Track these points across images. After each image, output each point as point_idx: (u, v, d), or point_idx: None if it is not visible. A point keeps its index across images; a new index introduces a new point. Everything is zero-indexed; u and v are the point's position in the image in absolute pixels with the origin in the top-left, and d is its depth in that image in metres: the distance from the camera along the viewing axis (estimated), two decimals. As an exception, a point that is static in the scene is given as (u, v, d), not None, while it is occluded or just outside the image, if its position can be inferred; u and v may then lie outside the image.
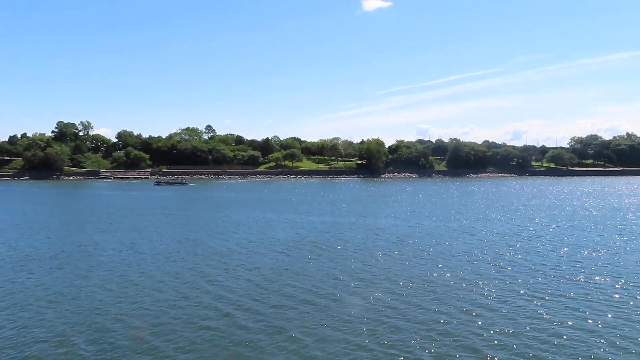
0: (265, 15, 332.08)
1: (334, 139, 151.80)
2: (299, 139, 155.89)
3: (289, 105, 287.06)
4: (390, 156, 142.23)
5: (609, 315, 14.46)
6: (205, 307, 15.50)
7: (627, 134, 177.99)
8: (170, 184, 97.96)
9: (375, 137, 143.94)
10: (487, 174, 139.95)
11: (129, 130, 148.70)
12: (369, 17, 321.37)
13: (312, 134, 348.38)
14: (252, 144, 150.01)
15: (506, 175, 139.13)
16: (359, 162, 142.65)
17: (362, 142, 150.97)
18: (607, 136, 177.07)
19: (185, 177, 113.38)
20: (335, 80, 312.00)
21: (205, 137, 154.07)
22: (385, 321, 14.03)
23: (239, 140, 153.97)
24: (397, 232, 31.10)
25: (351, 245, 26.13)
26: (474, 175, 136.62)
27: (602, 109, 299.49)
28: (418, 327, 13.59)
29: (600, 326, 13.57)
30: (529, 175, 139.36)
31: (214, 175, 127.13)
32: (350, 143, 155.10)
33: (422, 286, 17.71)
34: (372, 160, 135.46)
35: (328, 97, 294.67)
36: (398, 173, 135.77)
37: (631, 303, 15.58)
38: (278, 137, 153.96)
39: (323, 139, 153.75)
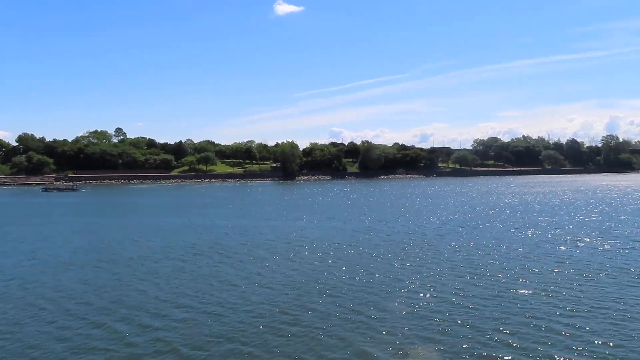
0: (177, 16, 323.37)
1: (249, 142, 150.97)
2: (214, 143, 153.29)
3: (203, 109, 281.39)
4: (304, 159, 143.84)
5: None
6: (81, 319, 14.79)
7: (523, 136, 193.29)
8: (60, 190, 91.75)
9: (290, 140, 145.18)
10: (398, 175, 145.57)
11: (30, 133, 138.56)
12: (281, 20, 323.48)
13: (226, 138, 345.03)
14: (165, 147, 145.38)
15: (415, 176, 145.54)
16: (274, 165, 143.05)
17: (277, 145, 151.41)
18: (506, 139, 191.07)
19: (78, 182, 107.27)
20: (250, 83, 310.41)
21: (115, 140, 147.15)
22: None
23: (151, 143, 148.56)
24: (285, 233, 31.59)
25: (239, 249, 26.13)
26: (385, 177, 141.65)
27: (502, 113, 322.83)
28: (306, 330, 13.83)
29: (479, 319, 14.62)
30: (436, 176, 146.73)
31: (125, 180, 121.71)
32: (265, 146, 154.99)
33: (316, 288, 18.13)
34: (286, 164, 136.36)
35: (243, 101, 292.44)
36: (312, 175, 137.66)
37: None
38: (192, 141, 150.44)
39: (238, 142, 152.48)
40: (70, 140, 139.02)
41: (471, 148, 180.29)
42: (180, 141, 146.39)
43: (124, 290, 18.21)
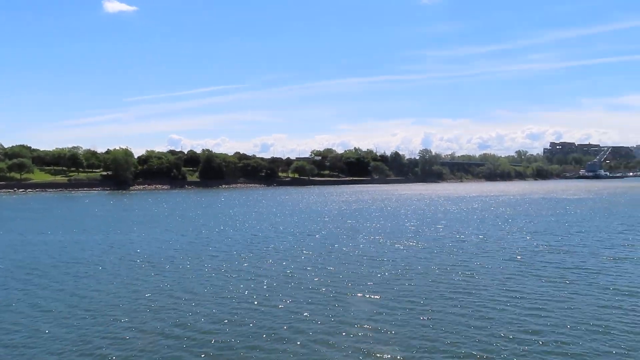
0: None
1: (74, 147, 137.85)
2: (30, 148, 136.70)
3: (16, 109, 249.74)
4: (140, 167, 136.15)
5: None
6: None
7: (355, 148, 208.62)
8: None
9: (124, 147, 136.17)
10: (239, 185, 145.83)
11: None
12: (111, 19, 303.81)
13: (46, 142, 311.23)
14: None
15: (256, 185, 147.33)
16: (105, 173, 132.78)
17: (108, 151, 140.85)
18: (340, 150, 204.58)
19: None
20: (76, 84, 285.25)
21: None
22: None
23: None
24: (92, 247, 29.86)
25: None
26: (226, 186, 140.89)
27: (337, 126, 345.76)
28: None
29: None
30: (276, 185, 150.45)
31: None
32: (94, 153, 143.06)
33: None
34: (119, 172, 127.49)
35: (66, 102, 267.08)
36: (149, 185, 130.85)
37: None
38: (2, 145, 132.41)
39: (61, 147, 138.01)
40: None
41: (309, 158, 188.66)
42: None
43: None
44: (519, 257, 25.57)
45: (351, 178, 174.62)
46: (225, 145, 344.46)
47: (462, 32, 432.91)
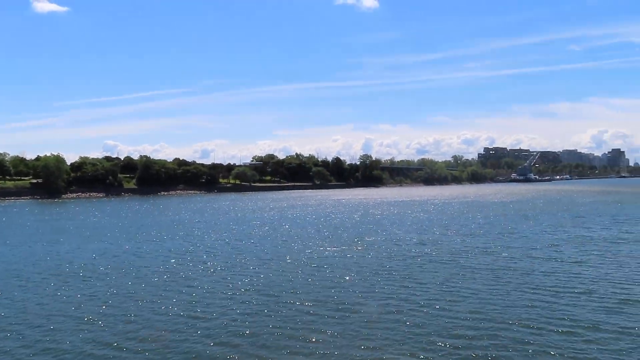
0: None
1: (1, 154, 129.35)
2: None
3: None
4: (73, 174, 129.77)
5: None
6: None
7: (296, 154, 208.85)
8: None
9: (55, 153, 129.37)
10: (179, 192, 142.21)
11: None
12: (41, 19, 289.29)
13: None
14: None
15: (196, 192, 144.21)
16: (34, 181, 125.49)
17: (39, 158, 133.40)
18: (281, 156, 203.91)
19: None
20: (1, 86, 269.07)
21: None
22: None
23: None
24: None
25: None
26: (166, 193, 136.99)
27: (278, 132, 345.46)
28: None
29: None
30: (217, 192, 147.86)
31: None
32: (23, 159, 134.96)
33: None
34: (50, 179, 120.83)
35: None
36: (83, 193, 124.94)
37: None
38: None
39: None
40: None
41: (250, 164, 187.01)
42: None
43: None
44: (454, 258, 26.53)
45: (293, 184, 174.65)
46: (164, 152, 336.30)
47: (400, 41, 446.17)
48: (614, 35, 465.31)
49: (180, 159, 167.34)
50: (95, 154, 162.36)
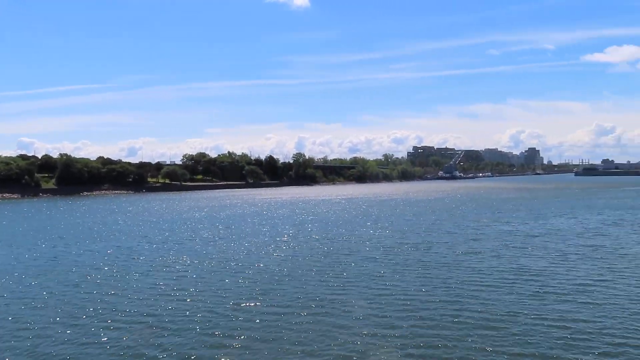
0: None
1: None
2: None
3: None
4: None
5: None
6: None
7: (229, 152, 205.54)
8: None
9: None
10: (104, 192, 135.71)
11: None
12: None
13: None
14: None
15: (123, 192, 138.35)
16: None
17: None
18: (213, 154, 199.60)
19: None
20: None
21: None
22: None
23: None
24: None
25: None
26: (89, 193, 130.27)
27: (209, 130, 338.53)
28: None
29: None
30: (146, 192, 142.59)
31: None
32: None
33: None
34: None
35: None
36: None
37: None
38: None
39: None
40: None
41: (181, 163, 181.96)
42: None
43: None
44: (384, 254, 27.16)
45: (226, 182, 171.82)
46: (87, 150, 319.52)
47: (332, 40, 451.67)
48: (528, 42, 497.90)
49: (105, 157, 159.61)
50: (9, 152, 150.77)
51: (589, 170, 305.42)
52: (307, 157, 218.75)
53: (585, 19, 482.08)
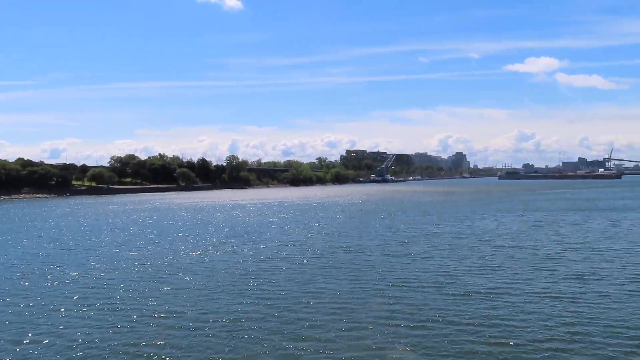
0: None
1: None
2: None
3: None
4: None
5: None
6: None
7: (160, 154, 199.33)
8: None
9: None
10: (23, 195, 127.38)
11: None
12: None
13: None
14: None
15: (45, 195, 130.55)
16: None
17: None
18: (143, 156, 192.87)
19: None
20: None
21: None
22: None
23: None
24: None
25: None
26: (7, 197, 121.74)
27: (138, 131, 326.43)
28: None
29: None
30: (70, 195, 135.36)
31: None
32: None
33: None
34: None
35: None
36: None
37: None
38: None
39: None
40: None
41: (108, 165, 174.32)
42: None
43: None
44: (317, 258, 27.46)
45: (156, 185, 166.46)
46: (5, 150, 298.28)
47: (265, 43, 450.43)
48: (454, 50, 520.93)
49: (25, 159, 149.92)
50: None
51: (511, 174, 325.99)
52: (240, 160, 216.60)
53: (507, 30, 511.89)
